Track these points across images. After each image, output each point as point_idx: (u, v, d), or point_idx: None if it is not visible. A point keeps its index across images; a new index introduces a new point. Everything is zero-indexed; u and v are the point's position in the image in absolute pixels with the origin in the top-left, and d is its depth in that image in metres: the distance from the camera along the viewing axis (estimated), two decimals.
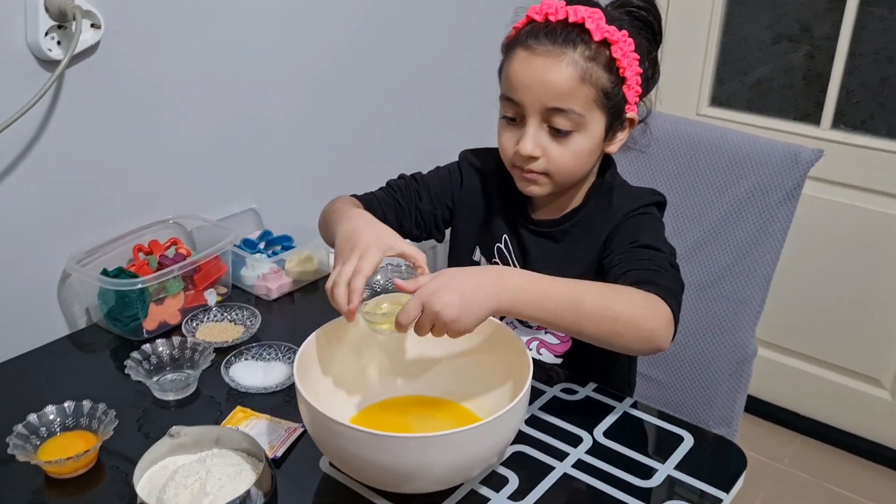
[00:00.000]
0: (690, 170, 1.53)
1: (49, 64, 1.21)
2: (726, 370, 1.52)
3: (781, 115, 2.22)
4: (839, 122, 2.11)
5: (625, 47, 1.09)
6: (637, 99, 1.14)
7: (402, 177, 1.31)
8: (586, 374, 1.22)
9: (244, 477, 0.91)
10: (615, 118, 1.13)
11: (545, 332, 1.28)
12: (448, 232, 1.34)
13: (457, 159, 1.33)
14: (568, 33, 1.08)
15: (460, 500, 0.97)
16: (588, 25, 1.07)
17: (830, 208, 2.14)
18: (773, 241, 1.46)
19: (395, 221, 1.26)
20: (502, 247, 1.26)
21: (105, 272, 1.31)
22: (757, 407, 2.41)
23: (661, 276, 1.05)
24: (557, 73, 1.07)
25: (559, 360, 1.27)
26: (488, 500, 0.97)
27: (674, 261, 1.11)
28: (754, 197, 1.46)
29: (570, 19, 1.08)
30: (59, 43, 1.20)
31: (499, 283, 0.95)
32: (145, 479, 0.92)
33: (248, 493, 0.86)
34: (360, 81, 1.75)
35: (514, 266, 1.25)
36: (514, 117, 1.12)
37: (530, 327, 1.28)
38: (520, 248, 1.25)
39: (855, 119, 2.10)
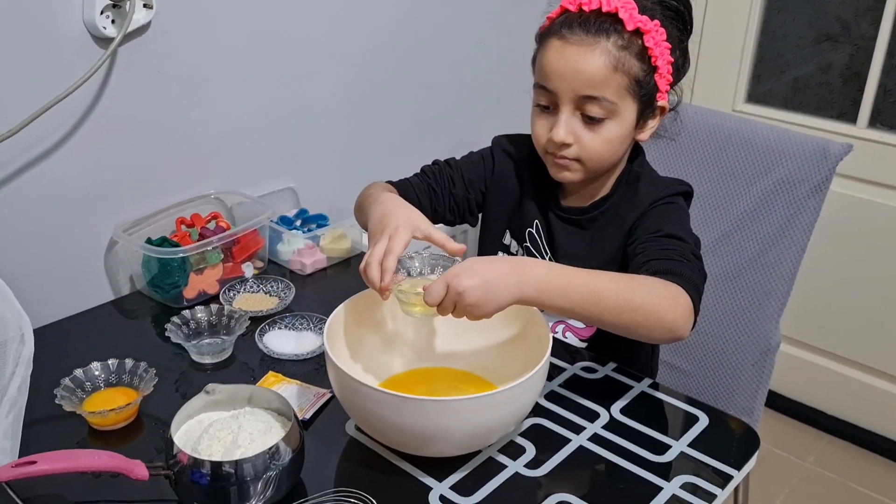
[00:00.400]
0: (720, 161, 1.55)
1: (103, 41, 1.27)
2: (749, 361, 1.54)
3: (818, 114, 2.22)
4: (876, 120, 2.11)
5: (657, 36, 1.11)
6: (668, 87, 1.17)
7: (435, 163, 1.35)
8: (610, 359, 1.25)
9: (274, 433, 0.96)
10: (646, 106, 1.16)
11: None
12: (480, 216, 1.38)
13: (490, 145, 1.37)
14: (601, 23, 1.10)
15: (478, 465, 1.01)
16: (621, 15, 1.10)
17: (864, 207, 2.14)
18: (800, 233, 1.47)
19: (428, 207, 1.29)
20: (533, 231, 1.29)
21: (149, 241, 1.37)
22: (783, 404, 2.41)
23: (683, 266, 1.07)
24: (591, 62, 1.09)
25: (584, 345, 1.30)
26: (505, 466, 1.01)
27: (697, 251, 1.13)
28: (782, 189, 1.48)
29: (604, 9, 1.11)
30: (113, 21, 1.26)
31: (522, 273, 0.98)
32: (181, 432, 0.97)
33: (276, 446, 0.91)
34: (400, 68, 1.80)
35: (545, 251, 1.28)
36: (548, 105, 1.15)
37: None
38: (548, 233, 1.28)
39: (892, 118, 2.10)
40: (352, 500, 0.94)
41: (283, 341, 1.25)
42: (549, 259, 1.28)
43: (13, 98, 1.21)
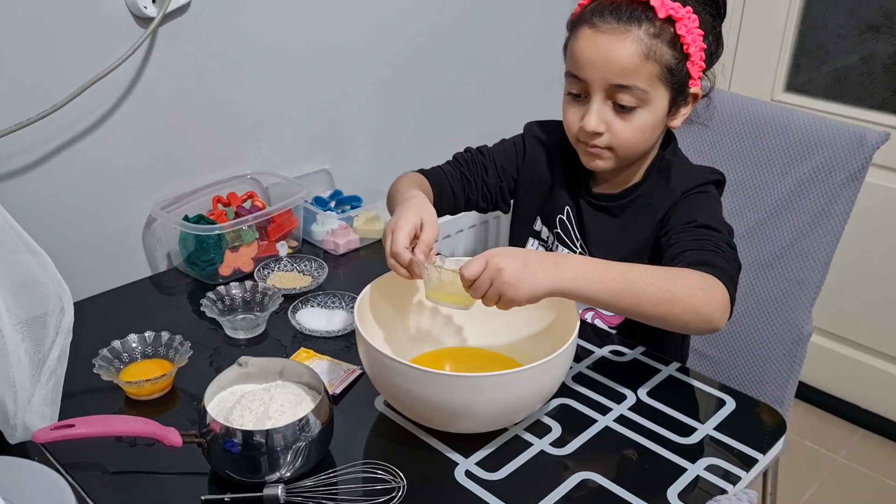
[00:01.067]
0: (755, 149, 1.54)
1: (144, 21, 1.30)
2: (781, 350, 1.53)
3: (858, 104, 2.19)
4: None
5: (689, 24, 1.10)
6: (701, 74, 1.16)
7: (468, 150, 1.35)
8: (646, 345, 1.25)
9: (304, 405, 0.98)
10: (679, 93, 1.15)
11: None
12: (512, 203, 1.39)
13: (521, 131, 1.37)
14: (633, 11, 1.09)
15: (505, 442, 1.02)
16: (653, 2, 1.08)
17: None
18: (835, 222, 1.46)
19: (462, 194, 1.31)
20: (564, 218, 1.30)
21: (186, 219, 1.40)
22: (816, 398, 2.39)
23: (718, 257, 1.06)
24: (622, 51, 1.09)
25: (613, 332, 1.31)
26: (531, 444, 1.02)
27: (731, 241, 1.13)
28: (817, 178, 1.46)
29: None
30: (153, 1, 1.28)
31: (560, 261, 0.99)
32: (215, 402, 0.99)
33: (306, 418, 0.93)
34: (435, 54, 1.80)
35: (576, 237, 1.29)
36: (579, 93, 1.15)
37: None
38: (578, 220, 1.28)
39: None
40: (380, 472, 0.96)
41: (315, 318, 1.27)
42: (580, 244, 1.29)
43: (57, 75, 1.24)
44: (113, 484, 0.96)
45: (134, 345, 1.15)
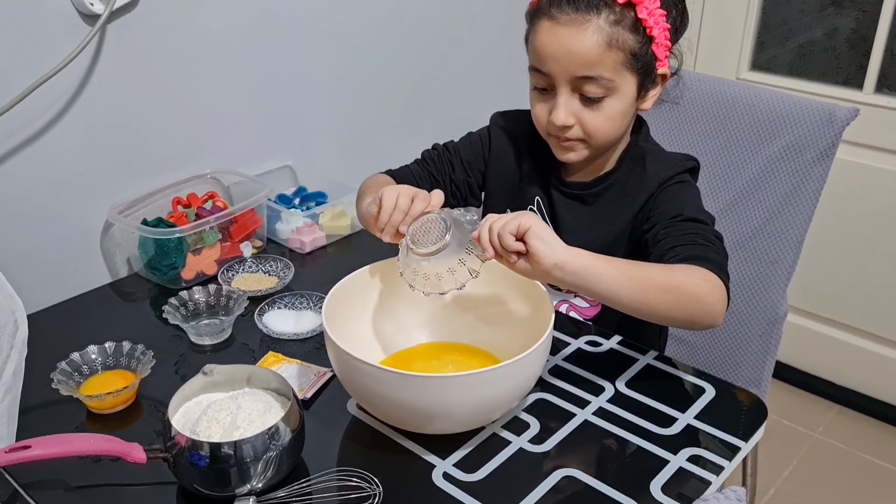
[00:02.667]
0: (724, 129, 1.53)
1: (90, 18, 1.24)
2: (756, 331, 1.52)
3: (823, 80, 2.18)
4: (882, 85, 2.07)
5: (650, 5, 1.07)
6: (667, 53, 1.13)
7: (434, 147, 1.33)
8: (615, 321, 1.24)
9: (273, 413, 0.95)
10: (646, 77, 1.12)
11: (574, 296, 1.29)
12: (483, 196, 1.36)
13: (488, 123, 1.34)
14: None
15: (482, 442, 1.00)
16: None
17: (872, 174, 2.11)
18: (807, 200, 1.45)
19: (448, 182, 1.30)
20: (534, 208, 1.27)
21: (145, 222, 1.36)
22: (791, 375, 2.40)
23: (710, 251, 1.05)
24: (582, 42, 1.05)
25: (589, 324, 1.28)
26: (509, 442, 1.00)
27: (716, 231, 1.11)
28: (788, 156, 1.45)
29: None
30: None
31: (571, 247, 0.95)
32: (180, 414, 0.95)
33: (276, 427, 0.90)
34: (396, 43, 1.77)
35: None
36: (545, 87, 1.12)
37: (559, 290, 1.29)
38: (550, 210, 1.26)
39: None
40: (354, 480, 0.93)
41: (282, 321, 1.24)
42: None
43: (0, 77, 1.18)
44: (75, 502, 0.93)
45: (94, 356, 1.10)
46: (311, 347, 1.19)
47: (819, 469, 2.12)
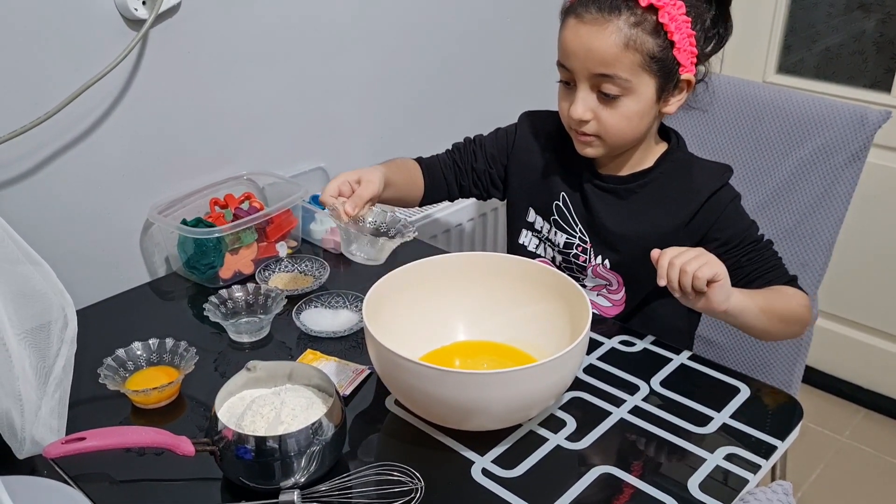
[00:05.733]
0: (755, 132, 1.54)
1: (135, 23, 1.27)
2: None
3: (850, 83, 2.18)
4: None
5: (673, 11, 1.09)
6: (694, 60, 1.15)
7: (465, 139, 1.38)
8: (645, 321, 1.27)
9: (315, 409, 0.97)
10: (667, 80, 1.14)
11: (597, 295, 1.30)
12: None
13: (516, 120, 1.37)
14: (614, 1, 1.09)
15: (519, 439, 1.01)
16: None
17: None
18: (838, 204, 1.45)
19: (454, 182, 1.36)
20: (561, 204, 1.29)
21: (184, 222, 1.38)
22: (818, 379, 2.39)
23: (785, 270, 1.20)
24: (601, 41, 1.09)
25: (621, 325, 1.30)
26: (546, 440, 1.01)
27: (771, 244, 1.22)
28: (819, 159, 1.46)
29: None
30: (144, 3, 1.26)
31: (735, 291, 1.07)
32: (224, 409, 0.97)
33: (319, 422, 0.92)
34: (428, 46, 1.79)
35: (574, 222, 1.28)
36: (568, 82, 1.16)
37: (584, 287, 1.31)
38: (583, 204, 1.27)
39: None
40: (396, 474, 0.95)
41: (320, 319, 1.26)
42: (580, 230, 1.28)
43: (47, 82, 1.21)
44: (124, 494, 0.95)
45: (139, 352, 1.13)
46: (349, 345, 1.21)
47: (846, 473, 2.12)
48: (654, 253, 1.06)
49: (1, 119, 1.17)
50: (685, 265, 1.02)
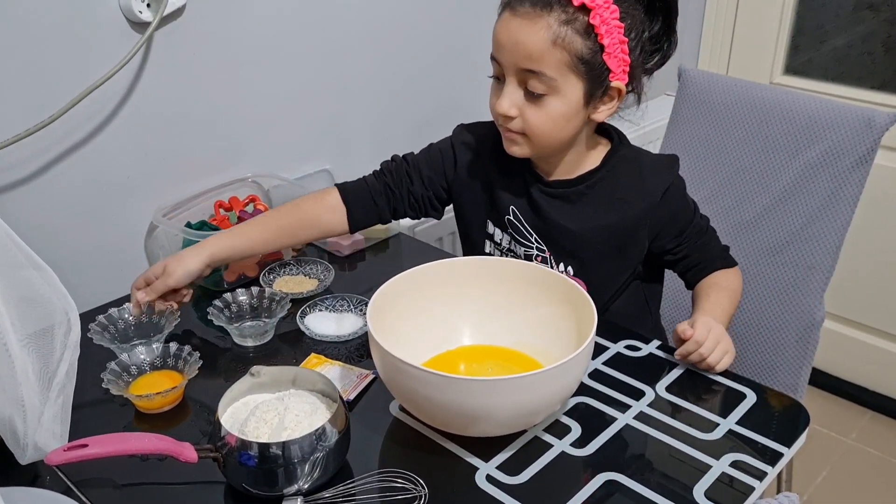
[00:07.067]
0: (761, 134, 1.53)
1: (140, 26, 1.27)
2: (793, 336, 1.52)
3: (859, 84, 2.17)
4: None
5: (605, 14, 1.07)
6: (626, 68, 1.12)
7: (394, 159, 1.34)
8: (613, 321, 1.27)
9: (319, 414, 0.96)
10: (595, 86, 1.12)
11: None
12: (452, 210, 1.36)
13: (451, 135, 1.34)
14: None
15: (524, 445, 1.01)
16: None
17: None
18: (845, 206, 1.44)
19: (386, 206, 1.31)
20: (512, 217, 1.27)
21: (189, 225, 1.38)
22: (825, 381, 2.38)
23: (719, 249, 1.30)
24: (530, 35, 1.08)
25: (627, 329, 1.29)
26: (551, 446, 1.00)
27: (708, 221, 1.29)
28: (826, 162, 1.45)
29: None
30: (148, 5, 1.26)
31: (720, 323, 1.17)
32: (228, 414, 0.97)
33: (323, 428, 0.91)
34: (434, 46, 1.78)
35: (529, 233, 1.26)
36: (499, 76, 1.15)
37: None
38: (534, 213, 1.25)
39: None
40: (399, 481, 0.94)
41: (324, 323, 1.25)
42: (535, 239, 1.26)
43: (53, 85, 1.21)
44: (127, 500, 0.95)
45: (142, 357, 1.13)
46: (353, 349, 1.21)
47: (852, 475, 2.11)
48: (683, 331, 1.13)
49: (6, 122, 1.17)
50: (706, 353, 1.12)
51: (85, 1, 1.21)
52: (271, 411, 0.96)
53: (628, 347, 1.20)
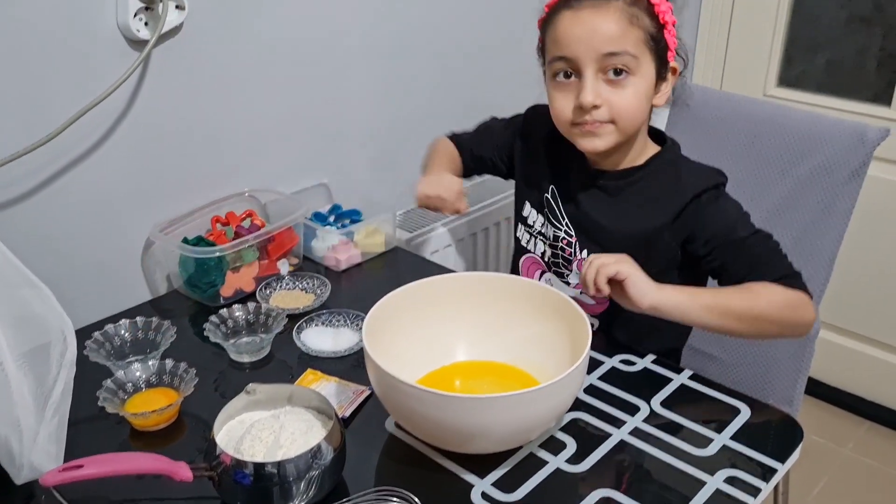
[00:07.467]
0: (754, 148, 1.53)
1: (137, 44, 1.28)
2: (788, 349, 1.52)
3: (852, 96, 2.18)
4: None
5: None
6: (676, 45, 1.18)
7: (488, 121, 1.50)
8: (626, 338, 1.27)
9: (315, 432, 0.96)
10: (661, 64, 1.17)
11: (581, 293, 1.30)
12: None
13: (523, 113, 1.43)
14: None
15: (520, 461, 1.01)
16: None
17: None
18: (838, 220, 1.45)
19: (487, 157, 1.46)
20: (549, 197, 1.31)
21: (185, 241, 1.38)
22: (821, 391, 2.39)
23: (779, 265, 1.17)
24: (606, 19, 1.12)
25: (596, 322, 1.31)
26: (546, 462, 1.01)
27: (771, 236, 1.19)
28: (819, 176, 1.46)
29: None
30: (146, 24, 1.26)
31: (658, 285, 1.10)
32: (223, 432, 0.97)
33: (318, 446, 0.91)
34: (431, 63, 1.79)
35: (561, 216, 1.29)
36: (570, 73, 1.16)
37: (567, 285, 1.32)
38: (572, 197, 1.28)
39: None
40: (395, 499, 0.94)
41: (320, 338, 1.25)
42: (566, 224, 1.29)
43: (51, 102, 1.22)
44: None
45: (138, 374, 1.13)
46: (349, 365, 1.21)
47: (849, 485, 2.11)
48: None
49: (5, 139, 1.18)
50: (599, 266, 1.09)
51: (83, 19, 1.22)
52: (267, 429, 0.96)
53: (623, 362, 1.21)
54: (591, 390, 1.14)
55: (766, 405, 1.12)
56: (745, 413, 1.09)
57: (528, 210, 1.36)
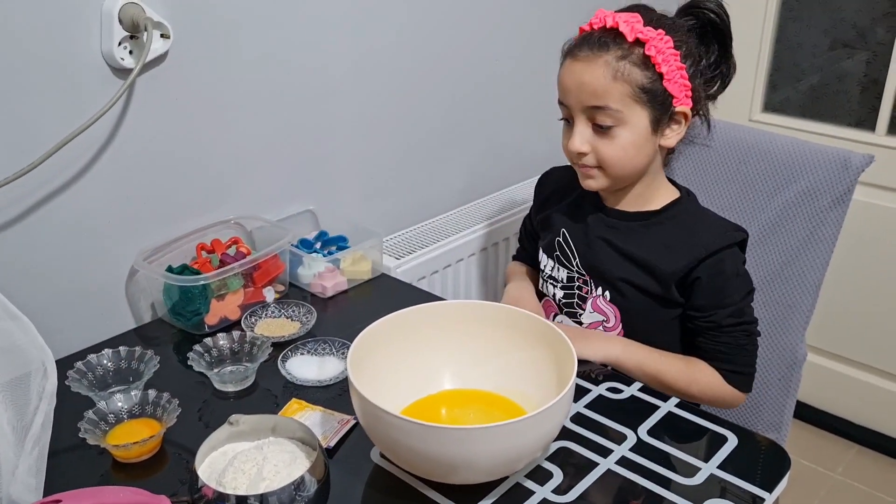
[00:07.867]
0: (739, 174, 1.54)
1: (121, 72, 1.27)
2: (775, 375, 1.52)
3: (836, 122, 2.20)
4: (895, 127, 2.09)
5: (659, 44, 1.15)
6: (689, 93, 1.19)
7: (523, 223, 1.55)
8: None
9: (299, 464, 0.95)
10: (661, 112, 1.19)
11: (594, 331, 1.31)
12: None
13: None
14: (603, 39, 1.17)
15: (505, 492, 1.00)
16: (622, 29, 1.16)
17: (887, 215, 2.12)
18: (823, 246, 1.46)
19: (536, 248, 1.46)
20: (561, 239, 1.35)
21: (170, 269, 1.37)
22: (811, 415, 2.39)
23: (744, 357, 1.25)
24: (591, 74, 1.17)
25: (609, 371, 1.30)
26: (533, 493, 1.00)
27: (753, 325, 1.25)
28: (804, 202, 1.46)
29: (608, 25, 1.18)
30: (130, 52, 1.26)
31: (608, 337, 1.25)
32: (206, 464, 0.96)
33: (301, 478, 0.90)
34: (419, 90, 1.79)
35: (573, 255, 1.33)
36: (567, 118, 1.23)
37: (580, 323, 1.32)
38: (584, 235, 1.32)
39: None
40: None
41: (305, 367, 1.25)
42: (577, 265, 1.32)
43: (35, 130, 1.21)
44: None
45: (120, 404, 1.11)
46: (335, 394, 1.20)
47: None
48: None
49: None
50: None
51: (67, 48, 1.21)
52: (249, 461, 0.95)
53: (610, 389, 1.20)
54: (577, 418, 1.13)
55: (752, 433, 1.11)
56: (732, 441, 1.09)
57: (541, 255, 1.40)
